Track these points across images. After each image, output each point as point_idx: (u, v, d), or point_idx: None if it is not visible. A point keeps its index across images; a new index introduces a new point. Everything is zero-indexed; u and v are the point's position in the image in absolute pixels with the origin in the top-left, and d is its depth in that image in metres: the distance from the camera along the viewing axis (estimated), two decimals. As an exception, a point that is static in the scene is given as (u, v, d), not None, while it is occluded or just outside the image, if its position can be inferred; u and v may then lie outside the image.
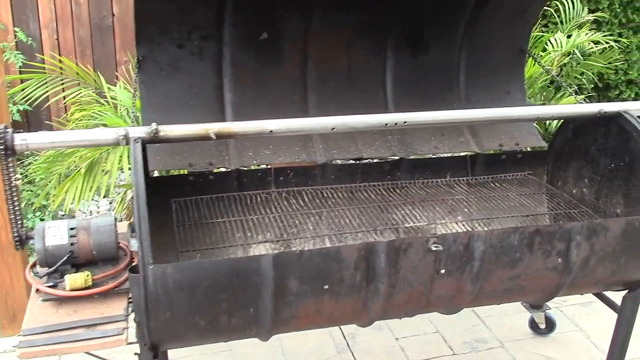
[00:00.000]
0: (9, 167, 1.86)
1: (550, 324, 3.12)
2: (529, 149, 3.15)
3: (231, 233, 2.41)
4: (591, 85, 5.50)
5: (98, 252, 2.04)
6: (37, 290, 1.97)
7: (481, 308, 3.23)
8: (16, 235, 1.96)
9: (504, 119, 2.38)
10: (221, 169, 2.55)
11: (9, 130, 1.83)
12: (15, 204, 1.93)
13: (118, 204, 3.49)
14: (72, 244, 1.99)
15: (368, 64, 2.78)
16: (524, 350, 3.05)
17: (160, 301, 1.78)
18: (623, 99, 5.80)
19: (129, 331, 1.90)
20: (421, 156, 2.80)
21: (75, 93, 3.62)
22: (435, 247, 1.93)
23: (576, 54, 4.16)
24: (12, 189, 1.90)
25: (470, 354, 3.02)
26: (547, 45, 4.11)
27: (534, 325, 3.15)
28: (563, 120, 2.80)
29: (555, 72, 4.08)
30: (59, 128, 4.07)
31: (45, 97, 3.83)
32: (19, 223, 1.96)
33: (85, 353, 1.95)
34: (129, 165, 2.92)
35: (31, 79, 3.73)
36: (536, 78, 3.89)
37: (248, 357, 2.95)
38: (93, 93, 3.60)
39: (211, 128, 1.98)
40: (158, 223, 2.46)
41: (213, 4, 2.41)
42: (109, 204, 4.93)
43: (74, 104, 3.76)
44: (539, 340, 3.12)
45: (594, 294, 2.61)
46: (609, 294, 2.58)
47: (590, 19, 4.62)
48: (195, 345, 2.02)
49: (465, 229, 2.61)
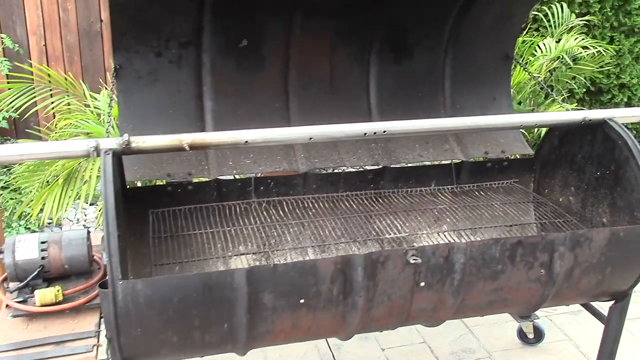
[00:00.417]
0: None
1: (539, 334, 3.07)
2: (516, 156, 3.11)
3: (210, 245, 2.37)
4: (583, 90, 5.46)
5: (70, 266, 1.99)
6: (7, 305, 1.93)
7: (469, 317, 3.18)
8: (-15, 249, 1.92)
9: (486, 127, 2.33)
10: (201, 179, 2.51)
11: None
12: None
13: (100, 213, 3.43)
14: (43, 258, 1.95)
15: (351, 71, 2.74)
16: (512, 360, 3.01)
17: (131, 317, 1.73)
18: (616, 103, 5.76)
19: (101, 348, 1.85)
20: (405, 164, 2.75)
21: (58, 101, 3.56)
22: (414, 260, 1.89)
23: (565, 58, 4.12)
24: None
25: (458, 364, 2.98)
26: (536, 50, 4.07)
27: (522, 335, 3.10)
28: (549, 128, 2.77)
29: (544, 77, 4.04)
30: (43, 137, 4.02)
31: (32, 105, 3.79)
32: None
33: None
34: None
35: (14, 87, 3.68)
36: (525, 83, 3.85)
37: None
38: (76, 101, 3.54)
39: (184, 139, 1.94)
40: (137, 234, 2.42)
41: (191, 12, 2.37)
42: (99, 211, 4.87)
43: (59, 112, 3.72)
44: (527, 350, 3.07)
45: (581, 305, 2.57)
46: (596, 304, 2.54)
47: (581, 23, 4.58)
48: (170, 361, 1.98)
49: (451, 239, 2.56)
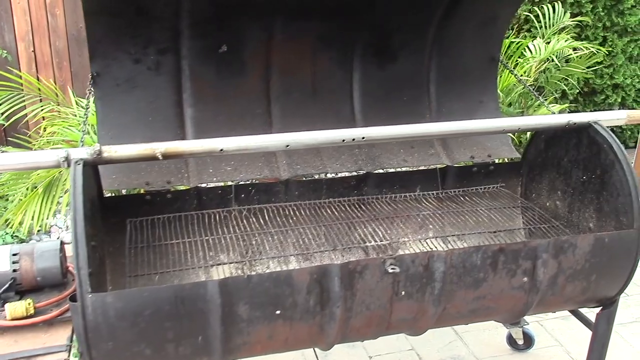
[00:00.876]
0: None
1: (529, 340, 3.02)
2: (506, 160, 3.07)
3: (190, 254, 2.33)
4: (576, 91, 5.42)
5: (43, 278, 1.96)
6: (-22, 319, 1.89)
7: (452, 326, 3.13)
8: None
9: (467, 132, 2.29)
10: (180, 187, 2.46)
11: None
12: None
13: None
14: (15, 271, 1.92)
15: (334, 75, 2.70)
16: (502, 367, 2.97)
17: (102, 331, 1.69)
18: (610, 104, 5.73)
19: (72, 362, 1.82)
20: (390, 169, 2.71)
21: (39, 109, 3.53)
22: (392, 270, 1.85)
23: (554, 60, 4.08)
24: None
25: (447, 371, 2.94)
26: (525, 51, 4.03)
27: (512, 341, 3.06)
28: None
29: (534, 79, 4.00)
30: (31, 143, 3.98)
31: (17, 111, 3.76)
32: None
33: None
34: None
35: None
36: (515, 85, 3.81)
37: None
38: (61, 108, 3.51)
39: (157, 148, 1.90)
40: (117, 244, 2.38)
41: (168, 17, 2.32)
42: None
43: (47, 118, 3.69)
44: (517, 357, 3.03)
45: (569, 311, 2.52)
46: (585, 310, 2.49)
47: (572, 24, 4.54)
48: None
49: (436, 246, 2.52)
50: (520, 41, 4.05)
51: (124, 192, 2.77)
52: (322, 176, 2.79)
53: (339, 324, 1.90)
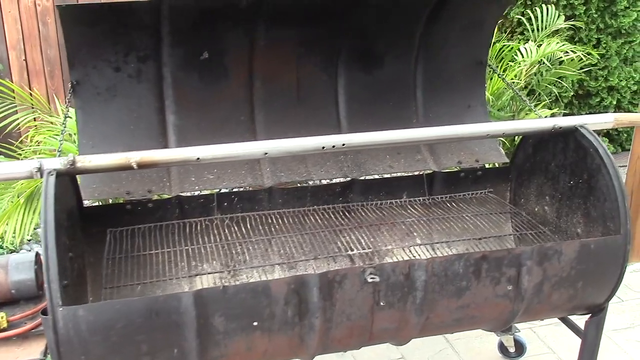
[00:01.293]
0: None
1: (520, 347, 2.98)
2: (495, 165, 3.03)
3: (171, 264, 2.29)
4: (571, 94, 5.38)
5: (17, 291, 1.93)
6: (-50, 333, 1.86)
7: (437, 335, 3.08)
8: None
9: (450, 137, 2.25)
10: (162, 196, 2.43)
11: None
12: None
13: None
14: (-12, 283, 1.88)
15: (319, 81, 2.66)
16: (494, 375, 2.92)
17: (74, 344, 1.67)
18: (605, 106, 5.68)
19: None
20: (376, 175, 2.68)
21: (23, 117, 3.50)
22: (372, 279, 1.81)
23: (545, 63, 4.04)
24: None
25: (438, 380, 2.89)
26: (517, 55, 3.99)
27: (503, 348, 3.01)
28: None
29: (525, 83, 3.96)
30: (14, 154, 3.95)
31: (11, 119, 3.74)
32: None
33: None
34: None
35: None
36: (505, 89, 3.77)
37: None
38: (42, 115, 3.49)
39: (132, 157, 1.87)
40: (97, 254, 2.35)
41: (147, 24, 2.30)
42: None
43: (32, 128, 3.66)
44: (509, 364, 2.99)
45: (558, 318, 2.48)
46: (574, 317, 2.45)
47: (565, 27, 4.50)
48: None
49: (422, 254, 2.48)
50: (511, 45, 4.01)
51: (110, 202, 2.74)
52: (307, 183, 2.76)
53: (318, 334, 1.87)
